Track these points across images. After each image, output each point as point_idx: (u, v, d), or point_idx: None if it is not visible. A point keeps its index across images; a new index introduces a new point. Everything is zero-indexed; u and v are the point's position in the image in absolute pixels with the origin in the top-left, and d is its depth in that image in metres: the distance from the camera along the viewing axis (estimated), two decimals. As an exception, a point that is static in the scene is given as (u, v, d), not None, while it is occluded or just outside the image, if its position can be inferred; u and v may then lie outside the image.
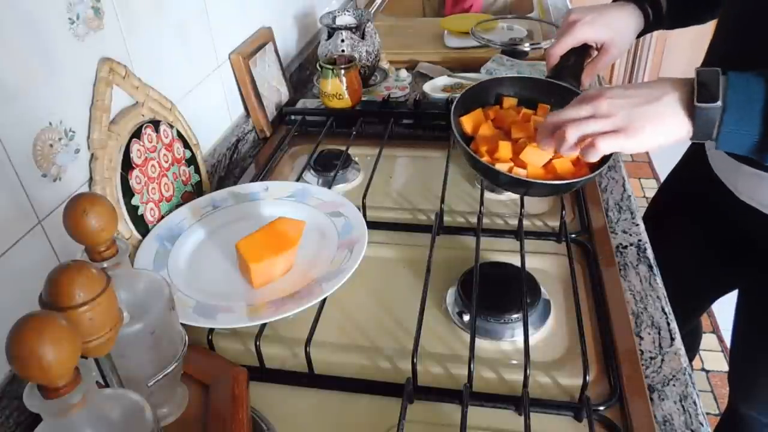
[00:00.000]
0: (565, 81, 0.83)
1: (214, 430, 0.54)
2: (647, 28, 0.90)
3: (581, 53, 0.87)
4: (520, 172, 0.74)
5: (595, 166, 0.74)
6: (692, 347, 1.39)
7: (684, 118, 0.61)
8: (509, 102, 0.86)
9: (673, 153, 1.07)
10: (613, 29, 0.86)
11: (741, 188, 0.83)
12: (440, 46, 1.42)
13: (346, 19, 1.23)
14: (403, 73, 1.28)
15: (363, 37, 1.21)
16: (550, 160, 0.74)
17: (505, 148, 0.77)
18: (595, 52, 0.88)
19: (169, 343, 0.51)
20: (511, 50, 1.33)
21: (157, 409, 0.53)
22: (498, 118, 0.84)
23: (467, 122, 0.82)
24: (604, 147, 0.63)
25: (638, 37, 0.90)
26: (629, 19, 0.87)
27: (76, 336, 0.33)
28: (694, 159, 0.98)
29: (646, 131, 0.62)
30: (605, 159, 0.73)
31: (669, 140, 0.62)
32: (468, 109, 0.83)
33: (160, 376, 0.50)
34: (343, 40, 1.19)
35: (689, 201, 1.01)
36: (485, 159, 0.76)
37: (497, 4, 1.93)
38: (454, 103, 0.82)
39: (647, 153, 2.87)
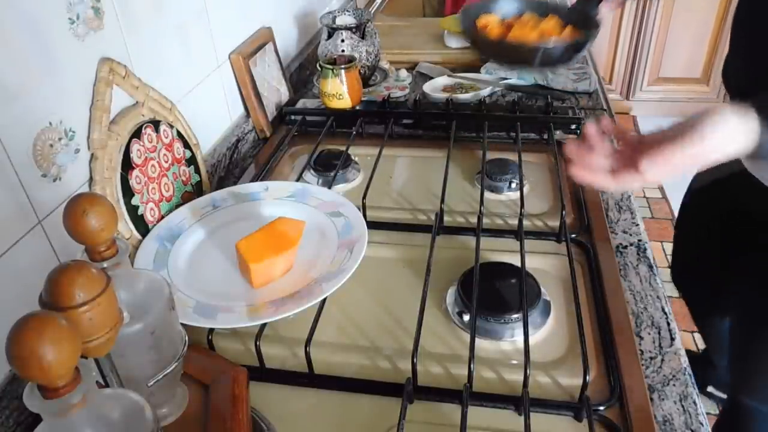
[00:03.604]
0: (585, 6, 0.92)
1: (214, 430, 0.54)
2: None
3: None
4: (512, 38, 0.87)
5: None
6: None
7: None
8: (529, 16, 0.97)
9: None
10: None
11: None
12: (440, 46, 1.42)
13: (346, 19, 1.23)
14: (403, 73, 1.28)
15: (363, 37, 1.21)
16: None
17: (495, 27, 0.92)
18: None
19: (169, 343, 0.51)
20: (511, 50, 1.33)
21: (157, 409, 0.53)
22: (512, 24, 0.95)
23: (480, 20, 0.95)
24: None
25: None
26: None
27: (76, 336, 0.33)
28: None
29: None
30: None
31: None
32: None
33: (160, 376, 0.50)
34: (343, 40, 1.19)
35: (722, 205, 1.00)
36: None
37: (497, 4, 1.93)
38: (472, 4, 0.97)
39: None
